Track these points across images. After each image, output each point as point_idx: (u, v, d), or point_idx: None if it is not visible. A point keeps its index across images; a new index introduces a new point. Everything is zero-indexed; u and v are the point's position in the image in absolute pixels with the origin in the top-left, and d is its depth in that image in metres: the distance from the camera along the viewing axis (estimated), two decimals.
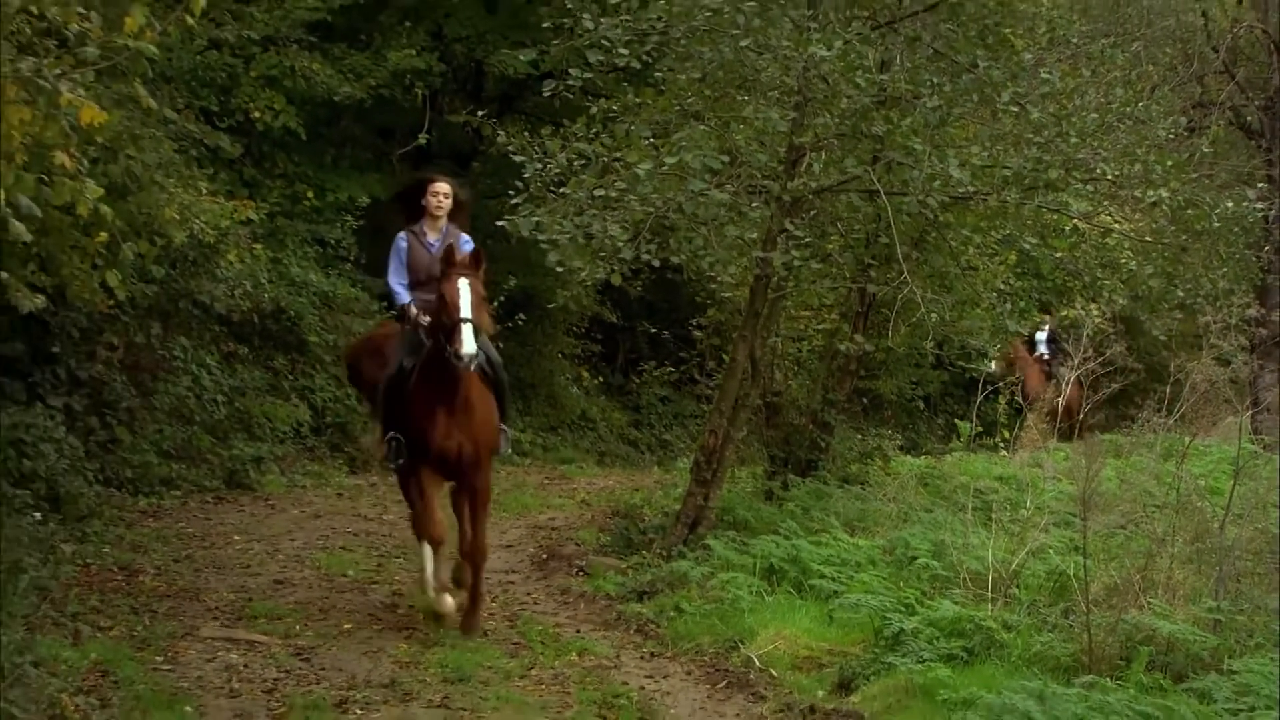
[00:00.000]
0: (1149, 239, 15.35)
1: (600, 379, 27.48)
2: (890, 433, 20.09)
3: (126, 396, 16.58)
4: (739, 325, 15.23)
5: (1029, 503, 13.97)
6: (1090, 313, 20.26)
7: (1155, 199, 13.89)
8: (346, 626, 11.58)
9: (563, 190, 13.59)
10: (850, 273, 16.56)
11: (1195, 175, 14.98)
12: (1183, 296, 15.42)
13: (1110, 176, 13.97)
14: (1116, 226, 16.65)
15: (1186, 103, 24.54)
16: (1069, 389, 22.22)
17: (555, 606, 12.99)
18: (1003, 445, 21.02)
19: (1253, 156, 25.28)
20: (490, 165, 22.78)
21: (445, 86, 23.92)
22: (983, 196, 13.73)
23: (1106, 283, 16.23)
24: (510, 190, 13.90)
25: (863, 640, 10.82)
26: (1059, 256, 16.09)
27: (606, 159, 13.66)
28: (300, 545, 14.76)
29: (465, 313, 10.62)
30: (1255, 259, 17.90)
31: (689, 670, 10.86)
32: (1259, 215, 15.14)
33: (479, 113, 17.36)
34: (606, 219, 13.11)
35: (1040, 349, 25.89)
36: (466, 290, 10.70)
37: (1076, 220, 15.55)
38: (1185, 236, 14.70)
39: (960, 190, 13.35)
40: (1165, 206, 14.10)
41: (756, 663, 10.70)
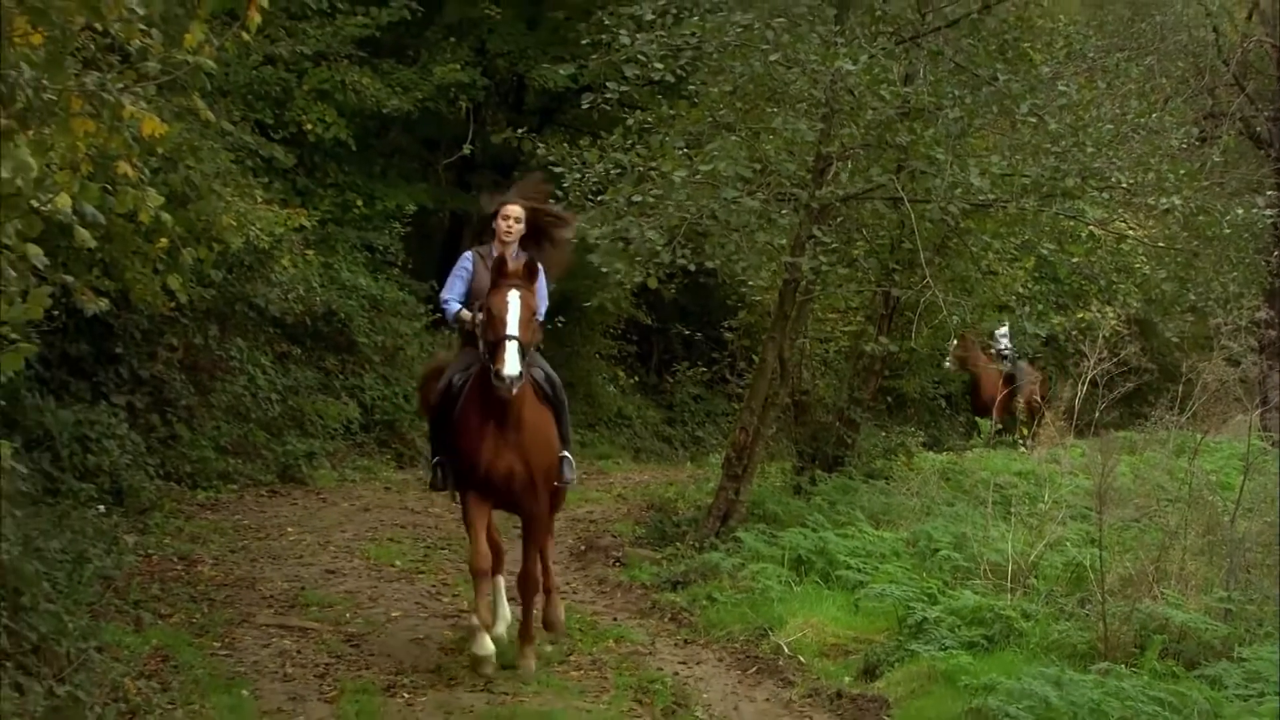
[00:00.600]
0: (1162, 244, 15.30)
1: (636, 378, 27.48)
2: (913, 430, 20.06)
3: (186, 395, 16.63)
4: (768, 327, 15.21)
5: (1047, 497, 13.89)
6: (1106, 315, 20.17)
7: (1168, 206, 13.83)
8: (394, 614, 11.59)
9: (601, 198, 13.63)
10: (875, 277, 16.53)
11: (1206, 183, 14.91)
12: (1194, 300, 15.37)
13: (1125, 184, 13.92)
14: (1131, 232, 16.58)
15: (1198, 114, 24.44)
16: (1029, 388, 22.15)
17: (593, 595, 12.99)
18: (1021, 442, 20.94)
19: (1262, 165, 25.14)
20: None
21: (488, 99, 23.97)
22: (1002, 204, 13.72)
23: (1121, 286, 16.18)
24: (550, 198, 13.91)
25: (887, 628, 10.80)
26: (1076, 261, 16.01)
27: (642, 168, 13.68)
28: (350, 537, 14.78)
29: (511, 329, 9.27)
30: (1264, 264, 17.80)
31: (721, 657, 10.85)
32: (1268, 222, 15.06)
33: (519, 130, 17.36)
34: (643, 225, 13.12)
35: (1001, 345, 24.81)
36: (515, 304, 9.37)
37: (1092, 226, 15.49)
38: (1197, 242, 14.64)
39: (981, 198, 13.32)
40: (1178, 213, 14.04)
41: (785, 650, 10.69)
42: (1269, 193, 19.25)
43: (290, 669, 9.85)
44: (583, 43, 14.87)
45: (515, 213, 10.37)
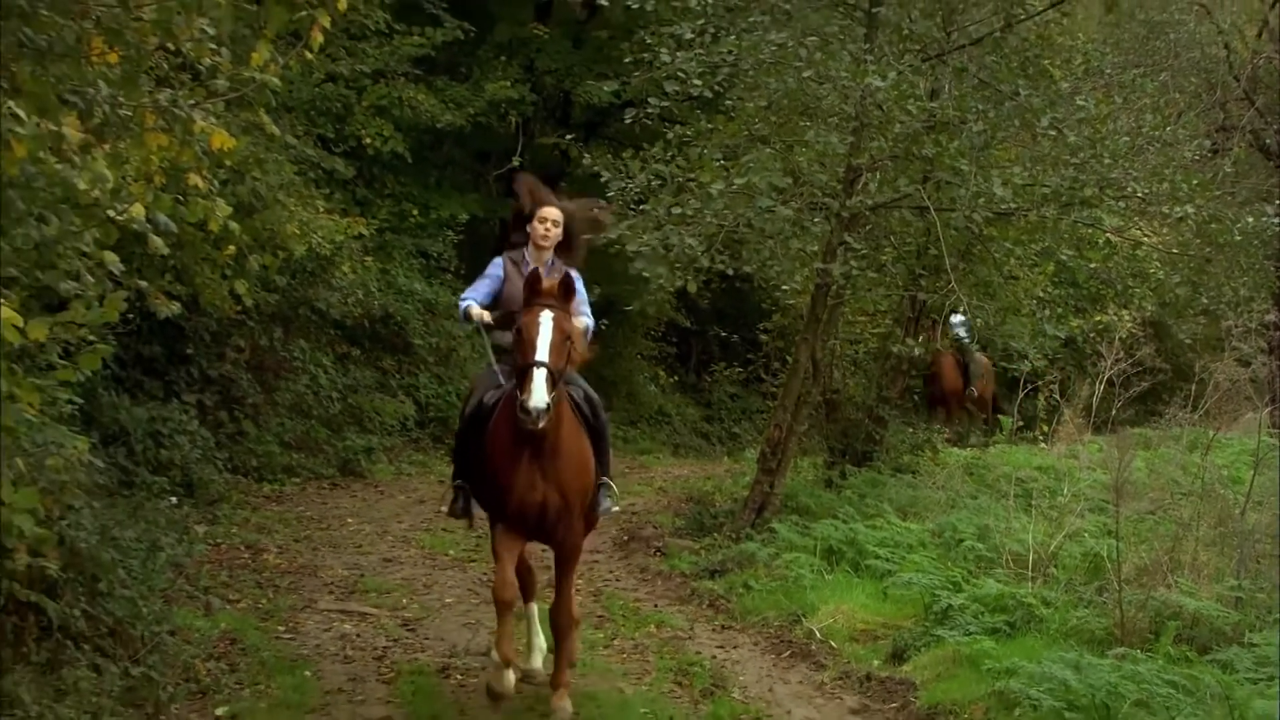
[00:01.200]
0: (1176, 251, 15.21)
1: (675, 378, 27.47)
2: (939, 427, 19.98)
3: (252, 393, 16.71)
4: (801, 329, 15.18)
5: (1066, 490, 13.82)
6: (1122, 318, 20.09)
7: (1181, 214, 13.75)
8: (448, 600, 11.62)
9: (643, 207, 13.63)
10: (903, 281, 16.49)
11: (1218, 193, 14.82)
12: (1207, 303, 15.30)
13: (1140, 194, 13.84)
14: (1146, 239, 16.50)
15: (1210, 127, 24.33)
16: (981, 381, 21.88)
17: (635, 583, 12.99)
18: (1042, 438, 20.84)
19: (1271, 175, 25.01)
20: (577, 185, 22.83)
21: (536, 114, 23.99)
22: (1024, 212, 13.68)
23: (1137, 291, 16.12)
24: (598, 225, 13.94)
25: (914, 615, 10.76)
26: (1093, 267, 15.93)
27: (682, 179, 13.69)
28: (406, 527, 14.82)
29: (540, 354, 7.72)
30: (1274, 269, 17.67)
31: (756, 641, 10.83)
32: (1277, 229, 14.94)
33: (567, 135, 17.39)
34: (683, 233, 13.14)
35: (957, 332, 23.48)
36: (548, 326, 7.81)
37: (1109, 234, 15.45)
38: (1209, 249, 14.54)
39: (1003, 207, 13.29)
40: (1191, 221, 13.96)
41: (817, 635, 10.66)
42: (1278, 201, 19.10)
43: (350, 651, 9.89)
44: (625, 60, 14.87)
45: (553, 215, 9.01)
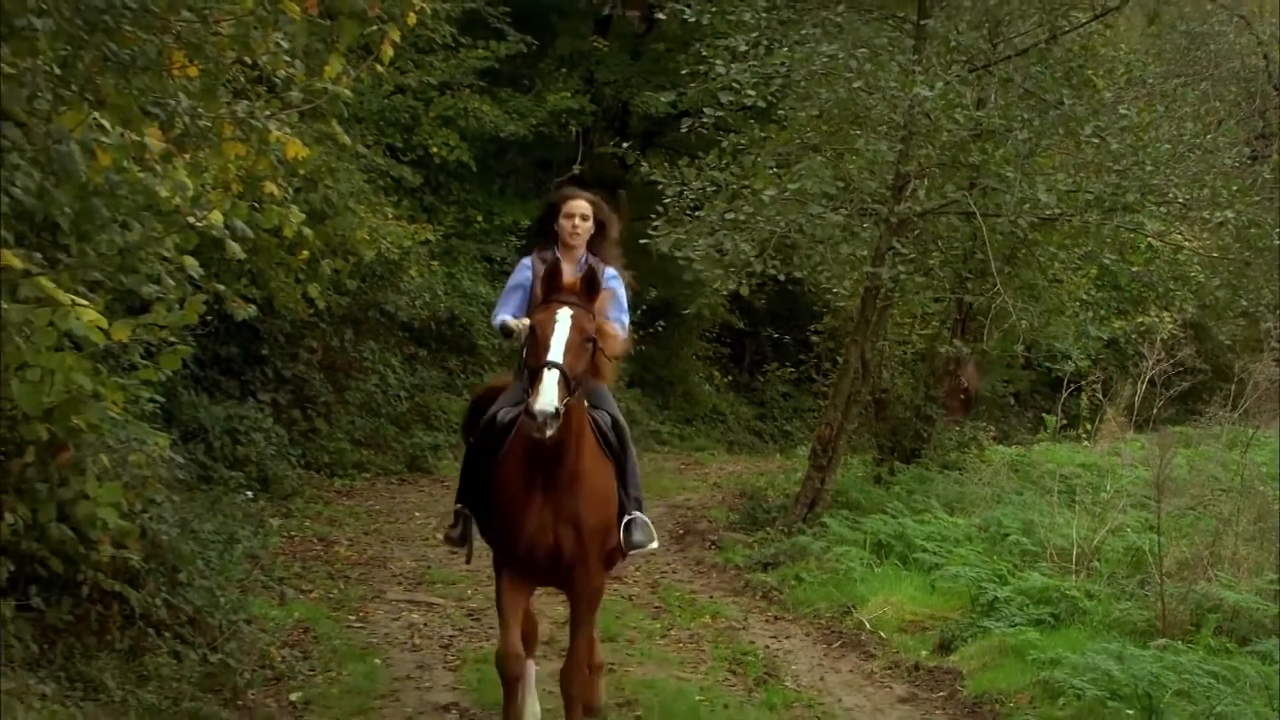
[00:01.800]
0: (1216, 255, 15.05)
1: (729, 377, 27.45)
2: (985, 425, 19.87)
3: (324, 392, 16.81)
4: (851, 331, 15.15)
5: (1109, 487, 13.74)
6: (1163, 320, 19.91)
7: (1221, 219, 13.64)
8: None
9: (698, 213, 13.64)
10: (950, 285, 16.44)
11: (1257, 198, 14.64)
12: (1246, 305, 15.14)
13: (1181, 199, 13.74)
14: (1187, 244, 16.32)
15: (1250, 134, 24.12)
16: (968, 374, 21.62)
17: (691, 575, 12.98)
18: (1085, 436, 20.69)
19: None
20: (634, 191, 22.86)
21: (596, 124, 24.02)
22: (1067, 217, 13.61)
23: (1178, 293, 15.95)
24: (652, 213, 13.95)
25: (961, 607, 10.72)
26: (1135, 270, 15.81)
27: (736, 186, 13.70)
28: None
29: (554, 354, 6.50)
30: None
31: (808, 632, 10.81)
32: None
33: (624, 144, 17.40)
34: (737, 238, 13.15)
35: None
36: (565, 325, 6.59)
37: (1151, 238, 15.31)
38: (1248, 252, 14.40)
39: (1047, 212, 13.21)
40: (1230, 226, 13.83)
41: (867, 626, 10.63)
42: None
43: (418, 640, 9.91)
44: (682, 72, 14.87)
45: (581, 209, 7.56)
